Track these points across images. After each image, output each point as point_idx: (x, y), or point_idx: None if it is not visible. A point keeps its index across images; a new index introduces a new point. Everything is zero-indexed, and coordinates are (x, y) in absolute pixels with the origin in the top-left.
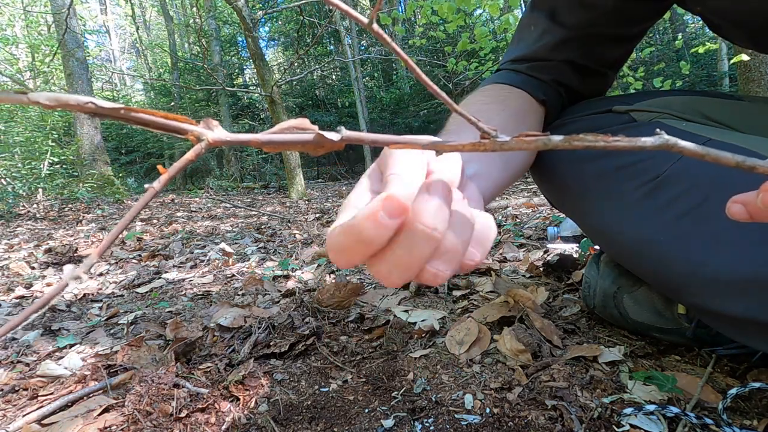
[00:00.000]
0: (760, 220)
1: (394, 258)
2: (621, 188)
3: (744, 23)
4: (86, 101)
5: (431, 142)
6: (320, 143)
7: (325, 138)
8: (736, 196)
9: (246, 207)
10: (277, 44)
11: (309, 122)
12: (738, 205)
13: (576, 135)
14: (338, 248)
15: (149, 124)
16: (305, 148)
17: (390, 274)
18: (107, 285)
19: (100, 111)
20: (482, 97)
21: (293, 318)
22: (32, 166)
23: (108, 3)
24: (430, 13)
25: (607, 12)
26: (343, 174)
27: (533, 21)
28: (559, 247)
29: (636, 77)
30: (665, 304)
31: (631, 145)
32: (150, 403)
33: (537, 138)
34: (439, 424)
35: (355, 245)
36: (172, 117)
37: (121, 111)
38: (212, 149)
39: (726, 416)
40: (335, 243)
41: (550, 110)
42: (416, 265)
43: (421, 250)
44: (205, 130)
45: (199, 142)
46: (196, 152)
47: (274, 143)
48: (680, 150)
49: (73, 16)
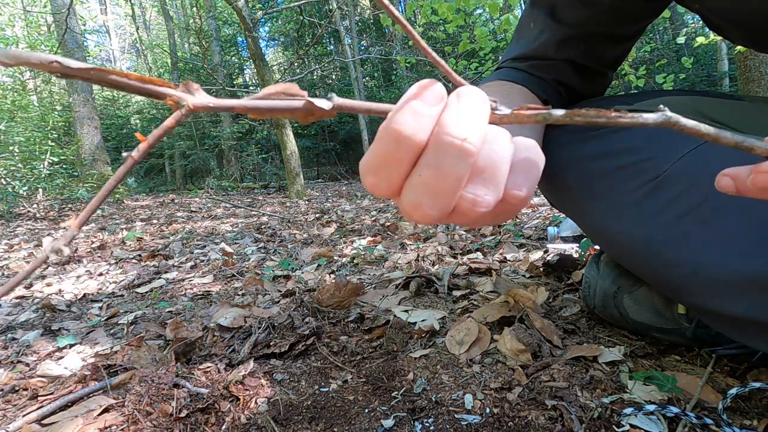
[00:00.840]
0: (746, 195)
1: (422, 180)
2: (621, 188)
3: (743, 23)
4: (51, 60)
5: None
6: (310, 111)
7: (315, 105)
8: (726, 170)
9: (246, 207)
10: (277, 44)
11: (298, 87)
12: (727, 179)
13: (578, 110)
14: (374, 164)
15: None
16: (294, 115)
17: (419, 202)
18: (107, 285)
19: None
20: (486, 89)
21: (293, 318)
22: (32, 166)
23: (108, 3)
24: (430, 13)
25: (606, 10)
26: (343, 174)
27: (533, 18)
28: (559, 247)
29: (638, 75)
30: (665, 304)
31: (633, 121)
32: (150, 403)
33: (538, 111)
34: (439, 424)
35: (393, 151)
36: (149, 80)
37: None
38: (211, 150)
39: (726, 416)
40: (369, 161)
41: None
42: (449, 189)
43: (451, 167)
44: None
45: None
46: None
47: (260, 109)
48: (682, 127)
49: (73, 16)
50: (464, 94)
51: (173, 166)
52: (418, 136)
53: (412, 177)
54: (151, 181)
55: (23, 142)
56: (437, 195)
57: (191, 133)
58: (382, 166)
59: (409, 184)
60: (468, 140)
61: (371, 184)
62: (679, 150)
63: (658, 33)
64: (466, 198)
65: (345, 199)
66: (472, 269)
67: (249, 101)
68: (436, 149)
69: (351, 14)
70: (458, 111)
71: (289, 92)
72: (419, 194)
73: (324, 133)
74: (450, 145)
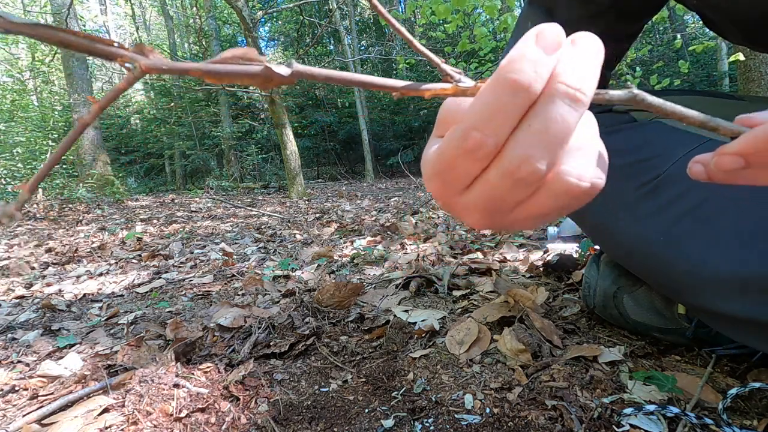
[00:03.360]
0: (716, 181)
1: (532, 130)
2: (621, 188)
3: (740, 20)
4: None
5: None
6: (269, 77)
7: (273, 71)
8: (698, 156)
9: (246, 207)
10: (277, 44)
11: (256, 53)
12: (699, 165)
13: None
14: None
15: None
16: (253, 81)
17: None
18: (107, 285)
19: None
20: None
21: (293, 318)
22: (32, 166)
23: (108, 3)
24: (430, 14)
25: (605, 9)
26: (343, 174)
27: (531, 17)
28: (559, 247)
29: (635, 76)
30: (665, 304)
31: (599, 98)
32: (150, 403)
33: None
34: (439, 424)
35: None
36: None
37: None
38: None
39: (726, 416)
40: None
41: None
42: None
43: (564, 117)
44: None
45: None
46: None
47: (217, 73)
48: (648, 105)
49: (73, 16)
50: (579, 41)
51: (173, 166)
52: (536, 86)
53: (520, 130)
54: (151, 181)
55: (23, 142)
56: (548, 145)
57: (191, 133)
58: (493, 116)
59: (516, 138)
60: (581, 90)
61: (476, 142)
62: (678, 150)
63: (657, 33)
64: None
65: (345, 199)
66: (472, 269)
67: (205, 65)
68: (549, 99)
69: (351, 14)
70: (573, 59)
71: (246, 57)
72: (529, 146)
73: (324, 133)
74: (565, 94)
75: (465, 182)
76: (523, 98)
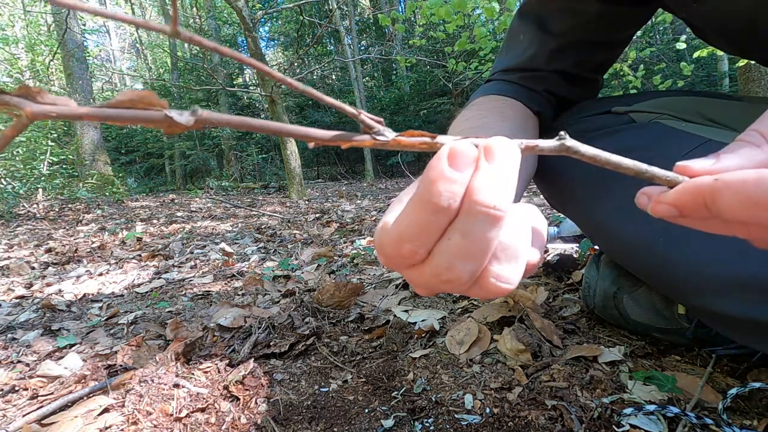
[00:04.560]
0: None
1: (452, 243)
2: (621, 188)
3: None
4: None
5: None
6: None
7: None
8: (645, 188)
9: (246, 207)
10: (277, 44)
11: (156, 97)
12: (644, 197)
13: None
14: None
15: None
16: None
17: (452, 264)
18: (107, 285)
19: None
20: (478, 111)
21: (293, 318)
22: (32, 166)
23: (108, 3)
24: (430, 14)
25: (594, 18)
26: (343, 174)
27: (522, 29)
28: (559, 247)
29: (636, 76)
30: (665, 305)
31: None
32: (150, 403)
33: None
34: (439, 424)
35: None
36: None
37: None
38: (211, 150)
39: (726, 416)
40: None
41: (544, 120)
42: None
43: (481, 233)
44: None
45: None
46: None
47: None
48: (580, 155)
49: (73, 16)
50: (494, 155)
51: (173, 166)
52: (453, 205)
53: (442, 242)
54: (151, 181)
55: (23, 142)
56: (468, 256)
57: (191, 133)
58: (419, 233)
59: (439, 249)
60: (497, 207)
61: (409, 251)
62: (678, 151)
63: (658, 33)
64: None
65: (345, 199)
66: None
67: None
68: (467, 215)
69: (351, 14)
70: (488, 176)
71: (145, 101)
72: (451, 256)
73: None
74: (479, 212)
75: (406, 267)
76: (441, 217)
